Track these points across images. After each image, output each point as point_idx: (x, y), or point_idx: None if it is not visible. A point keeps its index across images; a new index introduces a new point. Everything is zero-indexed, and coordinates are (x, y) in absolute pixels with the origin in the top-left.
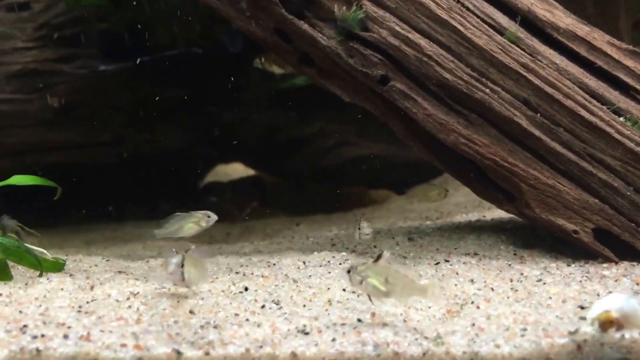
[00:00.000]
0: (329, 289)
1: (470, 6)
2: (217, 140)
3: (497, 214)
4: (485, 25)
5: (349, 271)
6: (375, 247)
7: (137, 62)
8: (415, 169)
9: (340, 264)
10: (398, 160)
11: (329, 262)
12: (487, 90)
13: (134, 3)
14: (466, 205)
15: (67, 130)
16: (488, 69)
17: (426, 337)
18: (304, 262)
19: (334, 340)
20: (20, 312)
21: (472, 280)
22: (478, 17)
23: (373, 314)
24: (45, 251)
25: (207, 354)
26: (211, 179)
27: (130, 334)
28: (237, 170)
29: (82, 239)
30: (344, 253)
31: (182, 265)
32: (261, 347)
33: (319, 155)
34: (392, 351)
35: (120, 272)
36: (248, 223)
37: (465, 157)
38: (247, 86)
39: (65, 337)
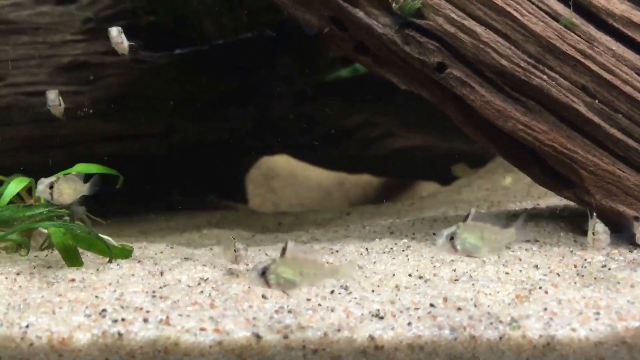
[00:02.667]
0: (394, 275)
1: None
2: (262, 131)
3: (550, 202)
4: (541, 12)
5: (451, 238)
6: (434, 234)
7: (188, 53)
8: (457, 161)
9: (402, 250)
10: (441, 151)
11: (391, 249)
12: (545, 77)
13: None
14: (515, 194)
15: (119, 122)
16: (545, 56)
17: (501, 321)
18: (367, 249)
19: (409, 324)
20: (97, 297)
21: (536, 266)
22: (533, 3)
23: (445, 299)
24: (110, 238)
25: (285, 337)
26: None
27: (208, 318)
28: (291, 163)
29: (137, 228)
30: (404, 240)
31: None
32: (339, 331)
33: (363, 146)
34: (469, 335)
35: (186, 258)
36: (298, 213)
37: (523, 144)
38: (293, 77)
39: (145, 321)
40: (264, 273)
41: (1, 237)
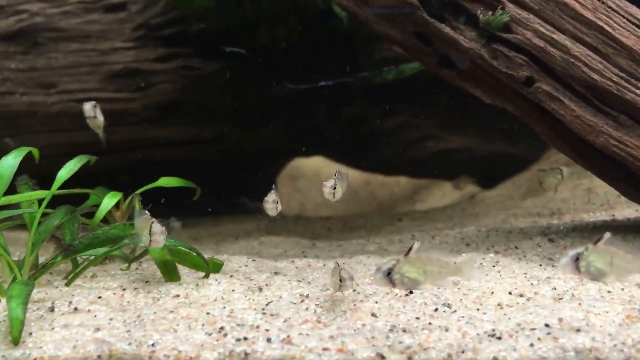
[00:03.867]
0: (492, 292)
1: (614, 6)
2: (304, 134)
3: (626, 213)
4: (632, 25)
5: (577, 259)
6: (516, 247)
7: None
8: (499, 164)
9: (493, 266)
10: (482, 153)
11: (480, 264)
12: (638, 91)
13: (235, 2)
14: (574, 202)
15: (169, 128)
16: (637, 70)
17: (624, 343)
18: (455, 264)
19: (532, 345)
20: (208, 313)
21: (638, 285)
22: (623, 16)
23: (560, 319)
24: None
25: (410, 358)
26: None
27: (328, 337)
28: (316, 163)
29: (187, 234)
30: (491, 255)
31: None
32: (463, 352)
33: (403, 148)
34: (595, 357)
35: (276, 273)
36: (345, 218)
37: (612, 159)
38: (339, 82)
39: (268, 340)
40: (389, 273)
41: (106, 253)
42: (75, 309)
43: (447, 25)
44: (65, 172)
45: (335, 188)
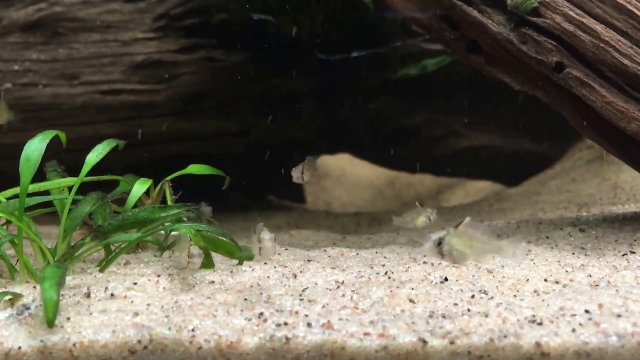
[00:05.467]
0: (528, 280)
1: None
2: (328, 130)
3: None
4: None
5: (439, 243)
6: (547, 237)
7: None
8: (525, 161)
9: (526, 254)
10: (507, 151)
11: (514, 252)
12: None
13: None
14: (600, 196)
15: (194, 121)
16: None
17: None
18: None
19: (574, 330)
20: (245, 299)
21: None
22: None
23: (600, 305)
24: None
25: (452, 343)
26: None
27: (369, 322)
28: (341, 162)
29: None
30: (522, 244)
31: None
32: (505, 337)
33: (427, 146)
34: (637, 342)
35: (309, 260)
36: (373, 213)
37: None
38: (362, 76)
39: (309, 325)
40: (440, 244)
41: (139, 238)
42: (112, 294)
43: (475, 9)
44: (94, 155)
45: (303, 173)
